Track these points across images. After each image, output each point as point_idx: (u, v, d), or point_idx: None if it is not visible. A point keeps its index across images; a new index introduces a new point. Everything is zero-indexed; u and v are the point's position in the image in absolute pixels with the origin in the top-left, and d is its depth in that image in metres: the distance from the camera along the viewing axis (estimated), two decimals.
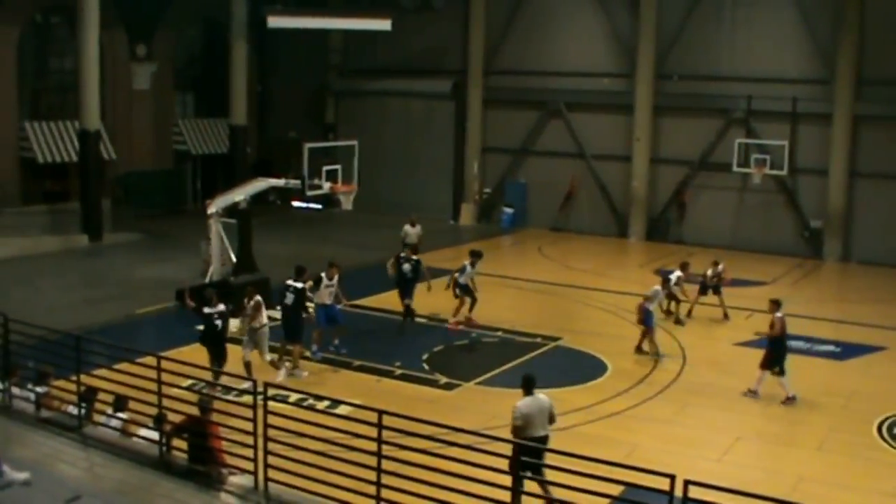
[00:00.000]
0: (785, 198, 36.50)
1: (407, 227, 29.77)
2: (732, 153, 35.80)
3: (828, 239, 35.36)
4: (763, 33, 36.26)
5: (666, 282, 24.13)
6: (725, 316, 25.67)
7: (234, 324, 20.51)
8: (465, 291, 24.27)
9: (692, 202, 38.17)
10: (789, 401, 19.07)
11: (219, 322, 18.51)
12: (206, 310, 18.55)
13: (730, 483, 9.40)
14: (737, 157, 35.71)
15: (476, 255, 24.70)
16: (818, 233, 35.63)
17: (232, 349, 22.19)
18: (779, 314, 19.51)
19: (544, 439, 13.20)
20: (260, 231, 27.80)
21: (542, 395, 13.50)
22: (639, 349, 22.23)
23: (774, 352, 19.41)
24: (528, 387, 13.50)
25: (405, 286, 24.18)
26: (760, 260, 34.39)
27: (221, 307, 18.65)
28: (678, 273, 24.95)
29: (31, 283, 28.24)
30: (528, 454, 11.97)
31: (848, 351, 23.03)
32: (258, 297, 19.96)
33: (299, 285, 20.52)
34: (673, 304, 25.17)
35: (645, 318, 22.17)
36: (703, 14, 37.44)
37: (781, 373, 19.28)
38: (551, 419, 13.47)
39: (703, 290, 25.75)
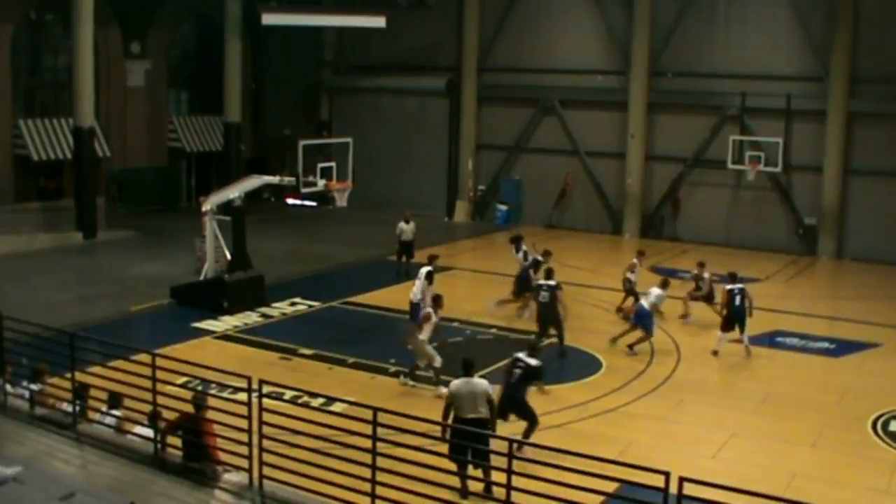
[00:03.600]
0: (779, 195, 36.55)
1: (402, 224, 29.85)
2: (727, 150, 35.81)
3: (822, 236, 35.43)
4: (757, 30, 36.33)
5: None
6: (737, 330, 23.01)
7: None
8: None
9: (686, 199, 38.20)
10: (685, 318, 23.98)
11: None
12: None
13: (724, 480, 9.42)
14: (731, 154, 35.72)
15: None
16: (812, 230, 35.70)
17: (224, 346, 22.25)
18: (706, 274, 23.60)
19: (477, 422, 13.49)
20: (254, 228, 27.80)
21: (478, 379, 14.05)
22: (630, 347, 22.24)
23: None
24: (465, 368, 14.18)
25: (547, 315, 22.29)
26: (754, 257, 34.44)
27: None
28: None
29: (25, 281, 28.20)
30: (460, 437, 12.72)
31: (842, 348, 23.06)
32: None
33: (533, 362, 16.66)
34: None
35: (639, 318, 22.16)
36: (697, 11, 37.48)
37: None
38: (489, 403, 13.91)
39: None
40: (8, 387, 14.42)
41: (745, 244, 36.14)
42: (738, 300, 21.93)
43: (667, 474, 9.14)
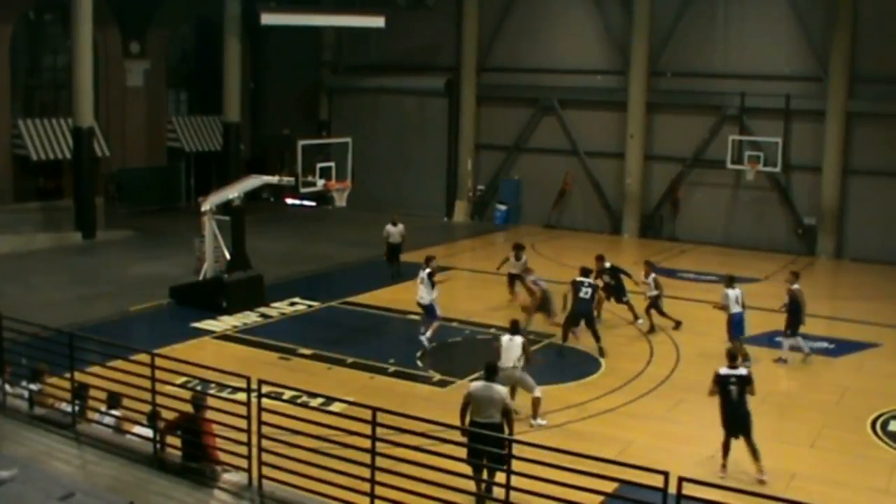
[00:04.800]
0: (778, 195, 36.55)
1: (389, 227, 29.47)
2: (726, 150, 35.80)
3: (821, 236, 35.43)
4: (756, 30, 36.32)
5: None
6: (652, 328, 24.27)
7: None
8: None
9: (686, 199, 38.20)
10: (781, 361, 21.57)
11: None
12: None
13: (723, 480, 9.41)
14: (730, 154, 35.71)
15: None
16: (811, 229, 35.70)
17: (223, 346, 22.25)
18: (795, 286, 21.50)
19: (490, 427, 13.32)
20: (253, 228, 27.80)
21: (498, 385, 13.78)
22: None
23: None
24: (488, 372, 13.97)
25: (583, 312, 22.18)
26: (754, 257, 34.46)
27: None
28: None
29: (24, 281, 28.22)
30: (473, 440, 12.54)
31: (841, 348, 23.05)
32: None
33: (743, 372, 15.59)
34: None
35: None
36: (696, 11, 37.48)
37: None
38: (506, 413, 13.60)
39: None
40: (7, 387, 14.42)
41: (744, 244, 36.15)
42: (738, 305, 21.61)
43: (666, 474, 9.14)
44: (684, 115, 37.81)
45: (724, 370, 15.33)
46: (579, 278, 22.28)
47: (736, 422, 15.17)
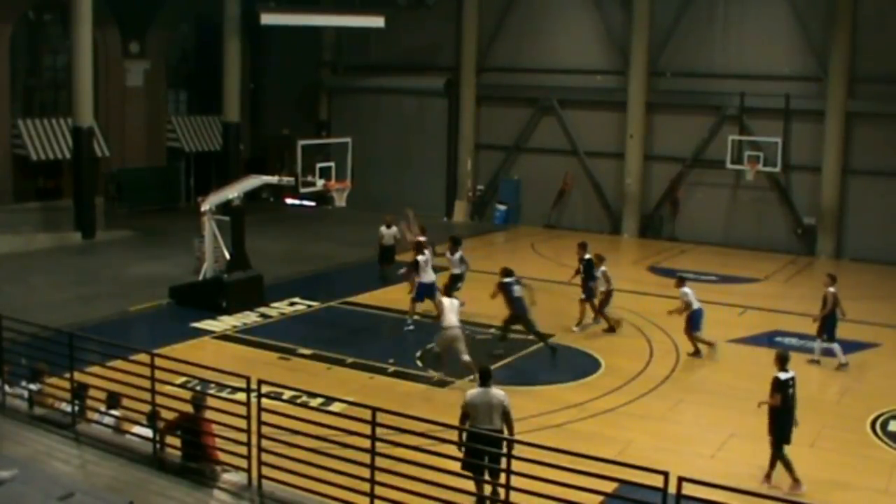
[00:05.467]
0: (778, 195, 36.55)
1: (382, 229, 29.06)
2: (726, 150, 35.79)
3: (821, 236, 35.43)
4: (756, 30, 36.33)
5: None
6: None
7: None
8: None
9: (685, 199, 38.20)
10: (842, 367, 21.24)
11: None
12: None
13: (723, 480, 9.43)
14: (730, 154, 35.69)
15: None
16: (811, 229, 35.69)
17: (223, 346, 22.25)
18: (832, 289, 21.34)
19: (490, 436, 12.87)
20: (253, 228, 27.79)
21: (495, 390, 13.48)
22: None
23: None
24: (483, 378, 13.65)
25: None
26: (753, 257, 34.48)
27: None
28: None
29: (24, 281, 28.21)
30: (475, 452, 12.26)
31: (841, 348, 23.02)
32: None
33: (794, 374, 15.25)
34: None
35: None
36: (696, 11, 37.48)
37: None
38: (506, 416, 13.34)
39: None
40: (6, 387, 14.42)
41: (743, 244, 36.15)
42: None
43: (666, 474, 9.14)
44: (684, 115, 37.81)
45: (782, 375, 14.95)
46: (506, 280, 21.97)
47: (790, 427, 14.93)
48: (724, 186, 37.25)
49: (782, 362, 15.03)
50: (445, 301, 20.12)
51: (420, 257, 24.08)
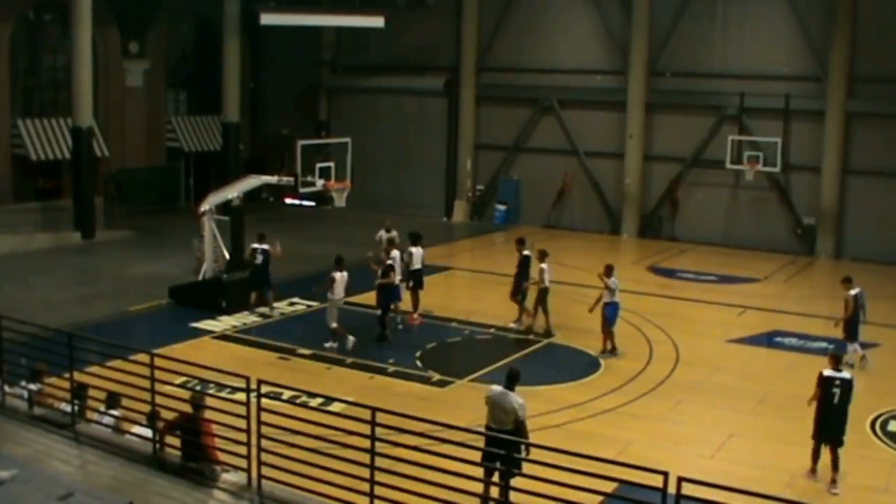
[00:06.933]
0: (777, 195, 36.56)
1: (381, 233, 27.57)
2: (725, 150, 35.82)
3: (820, 236, 35.44)
4: (755, 30, 36.34)
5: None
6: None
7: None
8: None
9: (685, 199, 38.20)
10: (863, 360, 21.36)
11: None
12: None
13: (723, 480, 9.42)
14: (730, 154, 35.71)
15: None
16: (811, 229, 35.70)
17: (222, 346, 22.26)
18: (852, 292, 21.37)
19: (501, 438, 12.86)
20: (252, 228, 27.76)
21: (513, 395, 13.31)
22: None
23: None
24: (508, 380, 13.52)
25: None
26: (753, 257, 34.48)
27: None
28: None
29: (23, 281, 28.22)
30: (488, 444, 12.67)
31: (840, 348, 22.96)
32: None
33: (847, 376, 15.35)
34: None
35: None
36: (695, 11, 37.49)
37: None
38: (517, 424, 13.19)
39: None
40: (6, 387, 14.42)
41: (743, 244, 36.16)
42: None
43: (665, 474, 9.13)
44: (683, 115, 37.82)
45: (828, 371, 15.13)
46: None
47: (831, 426, 15.02)
48: (723, 186, 37.26)
49: (835, 362, 15.22)
50: (337, 275, 22.23)
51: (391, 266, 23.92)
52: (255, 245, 25.39)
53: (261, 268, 25.30)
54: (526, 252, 24.26)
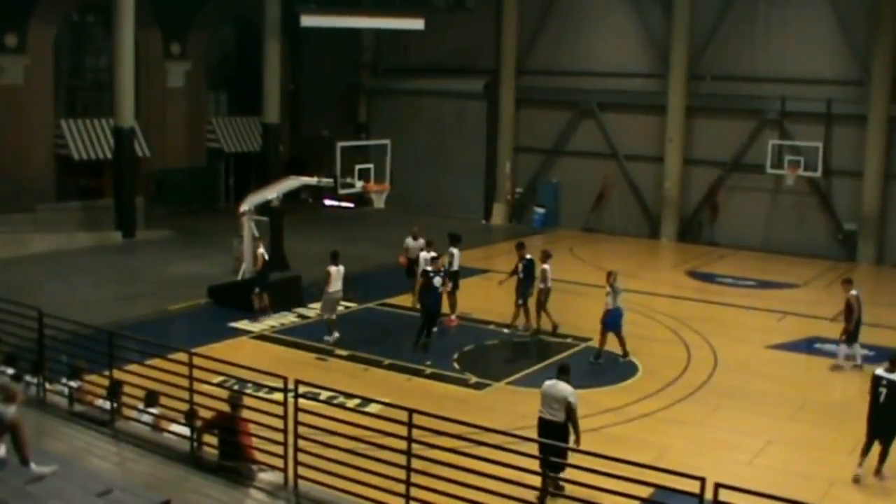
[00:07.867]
0: (818, 200, 36.23)
1: (409, 240, 27.08)
2: (766, 154, 35.57)
3: (862, 241, 35.06)
4: (797, 33, 35.98)
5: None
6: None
7: None
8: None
9: (725, 203, 37.94)
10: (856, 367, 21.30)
11: None
12: None
13: (760, 487, 9.33)
14: (770, 159, 35.47)
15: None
16: (852, 235, 35.34)
17: (260, 346, 22.36)
18: (854, 292, 21.34)
19: (550, 425, 14.04)
20: (292, 229, 27.92)
21: (563, 385, 14.30)
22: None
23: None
24: (559, 372, 14.67)
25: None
26: (793, 262, 34.16)
27: None
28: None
29: (65, 279, 28.50)
30: (542, 434, 13.82)
31: (882, 355, 22.61)
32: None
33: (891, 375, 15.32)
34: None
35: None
36: (736, 14, 37.22)
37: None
38: (569, 411, 14.07)
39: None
40: (47, 384, 14.58)
41: (783, 249, 35.84)
42: None
43: (702, 480, 9.08)
44: (724, 119, 37.57)
45: (879, 371, 15.44)
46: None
47: (878, 425, 15.28)
48: (763, 191, 36.97)
49: (892, 363, 15.30)
50: (333, 269, 22.79)
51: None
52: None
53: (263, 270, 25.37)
54: (529, 256, 24.23)
